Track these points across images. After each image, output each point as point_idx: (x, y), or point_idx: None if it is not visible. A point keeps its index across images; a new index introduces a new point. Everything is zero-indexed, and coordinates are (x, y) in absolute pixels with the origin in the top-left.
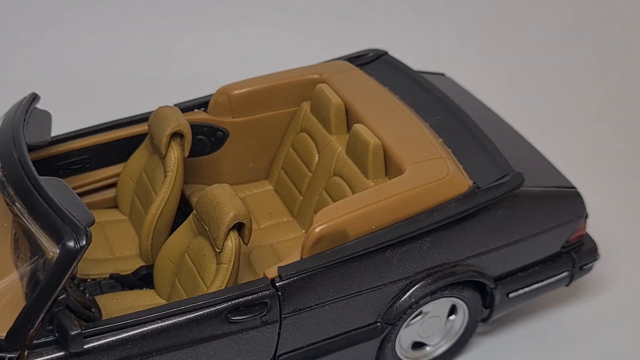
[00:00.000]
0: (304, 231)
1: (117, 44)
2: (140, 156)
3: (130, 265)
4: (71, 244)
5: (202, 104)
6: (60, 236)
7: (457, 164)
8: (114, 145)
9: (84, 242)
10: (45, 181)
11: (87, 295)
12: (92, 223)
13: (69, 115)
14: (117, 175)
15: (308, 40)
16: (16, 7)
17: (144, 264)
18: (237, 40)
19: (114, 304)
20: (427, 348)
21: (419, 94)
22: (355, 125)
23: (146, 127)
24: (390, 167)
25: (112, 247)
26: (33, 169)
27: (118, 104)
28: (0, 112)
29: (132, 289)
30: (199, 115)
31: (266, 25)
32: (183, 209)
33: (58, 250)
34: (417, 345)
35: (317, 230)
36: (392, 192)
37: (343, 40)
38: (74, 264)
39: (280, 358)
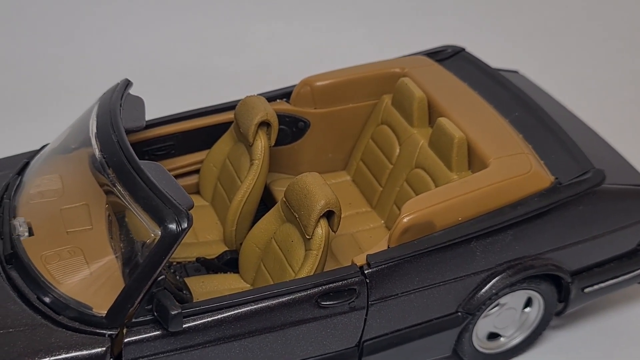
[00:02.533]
0: (383, 221)
1: (188, 34)
2: (224, 144)
3: (213, 249)
4: (173, 226)
5: (284, 94)
6: (162, 218)
7: (538, 160)
8: (199, 132)
9: (186, 225)
10: (145, 165)
11: (177, 277)
12: (192, 207)
13: None
14: (200, 162)
15: (375, 34)
16: None
17: (227, 249)
18: (305, 33)
19: (200, 287)
20: (502, 339)
21: (497, 91)
22: (439, 119)
23: (230, 116)
24: (473, 161)
25: (196, 232)
26: (133, 153)
27: (188, 94)
28: (80, 102)
29: (216, 272)
30: (281, 106)
31: (335, 19)
32: (262, 196)
33: (160, 232)
34: (492, 336)
35: (405, 220)
36: (477, 185)
37: (410, 36)
38: (175, 246)
39: (364, 344)
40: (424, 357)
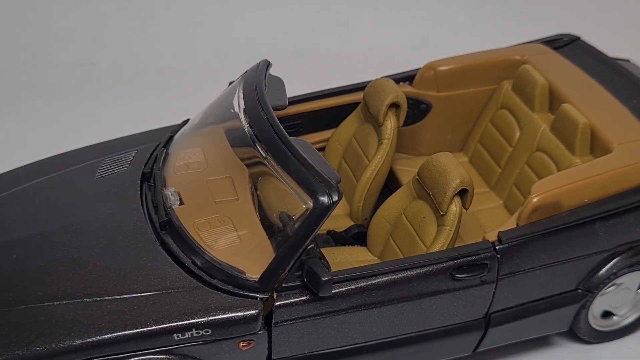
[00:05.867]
0: (501, 202)
1: (299, 18)
2: (350, 124)
3: (340, 223)
4: (324, 199)
5: (407, 77)
6: (314, 191)
7: None
8: (326, 112)
9: (336, 198)
10: (294, 141)
11: (315, 248)
12: (339, 181)
13: None
14: (326, 140)
15: (479, 21)
16: None
17: (352, 223)
18: (411, 19)
19: (331, 258)
20: (615, 318)
21: (614, 79)
22: (563, 105)
23: (354, 97)
24: (595, 146)
25: None
26: (282, 129)
27: (298, 76)
28: (205, 81)
29: (343, 245)
30: (404, 88)
31: (441, 6)
32: None
33: (312, 204)
34: (606, 314)
35: (535, 200)
36: (603, 168)
37: (513, 23)
38: (326, 217)
39: (491, 315)
40: (543, 332)
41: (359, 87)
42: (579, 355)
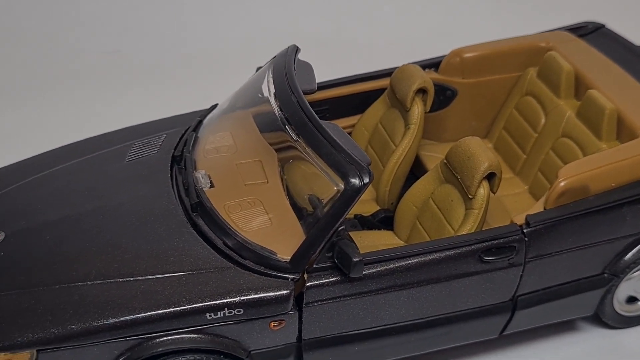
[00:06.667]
0: (526, 187)
1: (324, 5)
2: (376, 109)
3: (367, 208)
4: (356, 180)
5: (433, 64)
6: (345, 173)
7: None
8: (351, 98)
9: (367, 180)
10: (324, 124)
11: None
12: (370, 163)
13: None
14: (352, 126)
15: (503, 9)
16: None
17: (379, 207)
18: (435, 7)
19: (358, 241)
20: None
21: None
22: (590, 91)
23: (380, 83)
24: (622, 131)
25: None
26: (313, 112)
27: (323, 63)
28: (224, 69)
29: (370, 229)
30: (430, 75)
31: None
32: None
33: (343, 186)
34: (631, 300)
35: (562, 184)
36: (631, 153)
37: (538, 12)
38: (357, 198)
39: (518, 298)
40: (569, 315)
41: (385, 74)
42: (603, 339)
